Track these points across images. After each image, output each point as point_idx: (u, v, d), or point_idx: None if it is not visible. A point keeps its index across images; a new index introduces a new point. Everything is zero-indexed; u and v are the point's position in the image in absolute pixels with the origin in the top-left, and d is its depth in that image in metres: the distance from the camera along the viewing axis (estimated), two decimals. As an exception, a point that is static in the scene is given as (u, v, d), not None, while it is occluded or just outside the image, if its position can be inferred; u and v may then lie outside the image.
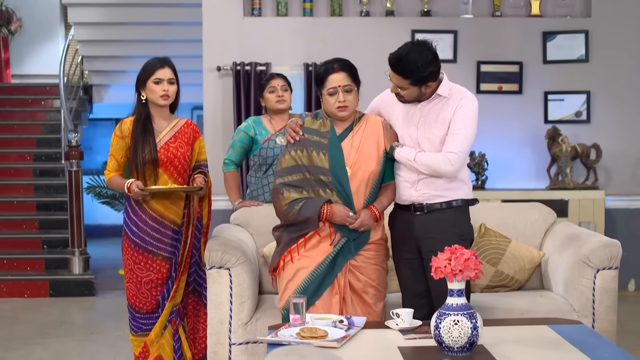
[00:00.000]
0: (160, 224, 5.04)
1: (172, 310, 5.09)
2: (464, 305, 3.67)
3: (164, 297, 5.07)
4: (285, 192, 4.54)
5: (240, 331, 4.87)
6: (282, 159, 4.64)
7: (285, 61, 8.41)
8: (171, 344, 5.10)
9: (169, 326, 5.10)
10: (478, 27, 8.58)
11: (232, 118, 8.28)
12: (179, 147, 5.07)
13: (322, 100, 4.62)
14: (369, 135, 4.63)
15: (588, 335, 4.06)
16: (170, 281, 5.08)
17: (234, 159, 5.85)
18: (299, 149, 4.58)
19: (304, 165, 4.56)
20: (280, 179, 4.59)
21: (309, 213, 4.48)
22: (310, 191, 4.54)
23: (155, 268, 5.04)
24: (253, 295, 4.95)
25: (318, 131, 4.62)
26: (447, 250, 3.70)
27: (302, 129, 4.63)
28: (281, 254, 4.58)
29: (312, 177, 4.55)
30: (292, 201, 4.52)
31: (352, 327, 4.09)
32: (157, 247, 5.04)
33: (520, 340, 3.93)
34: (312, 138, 4.60)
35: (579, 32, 8.56)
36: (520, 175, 8.57)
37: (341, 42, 8.46)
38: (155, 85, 5.02)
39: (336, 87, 4.54)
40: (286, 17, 8.51)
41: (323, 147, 4.57)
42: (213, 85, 8.38)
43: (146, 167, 4.98)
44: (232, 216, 5.64)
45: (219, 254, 4.84)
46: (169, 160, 5.03)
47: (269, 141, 5.73)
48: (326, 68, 4.61)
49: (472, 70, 8.55)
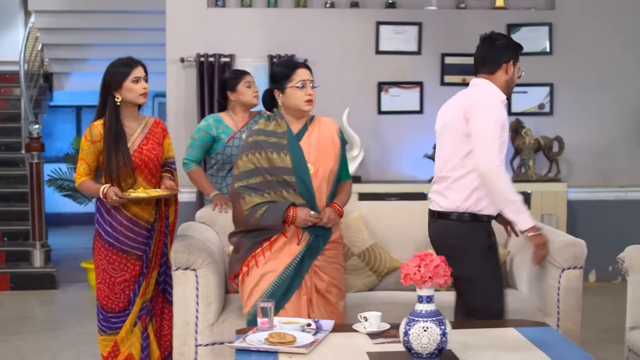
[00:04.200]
0: (135, 223, 5.02)
1: (142, 306, 5.07)
2: (433, 311, 3.66)
3: (135, 294, 5.05)
4: (247, 197, 4.51)
5: (206, 332, 4.84)
6: (239, 162, 4.59)
7: (249, 53, 8.35)
8: (140, 342, 5.06)
9: (139, 323, 5.07)
10: (443, 19, 8.58)
11: (196, 110, 8.21)
12: (152, 149, 5.06)
13: (283, 96, 4.59)
14: (325, 135, 4.67)
15: (555, 338, 4.06)
16: (142, 277, 5.05)
17: (194, 158, 5.76)
18: (257, 152, 4.55)
19: (264, 167, 4.53)
20: (240, 182, 4.55)
21: (273, 219, 4.46)
22: (272, 193, 4.51)
23: (129, 267, 5.02)
24: (219, 296, 4.92)
25: (275, 132, 4.59)
26: (417, 256, 3.69)
27: (257, 131, 4.61)
28: (244, 259, 4.55)
29: (274, 179, 4.52)
30: (254, 206, 4.49)
31: (320, 331, 4.06)
32: (132, 246, 5.02)
33: (487, 344, 3.92)
34: (270, 139, 4.57)
35: (543, 24, 8.59)
36: (483, 168, 8.56)
37: (306, 33, 8.42)
38: (134, 84, 4.96)
39: (306, 80, 4.56)
40: (250, 8, 8.45)
41: (283, 147, 4.55)
42: (176, 77, 8.30)
43: (121, 173, 4.94)
44: (198, 214, 5.60)
45: (185, 255, 4.80)
46: (144, 163, 5.02)
47: (234, 139, 5.68)
48: (292, 63, 4.68)
49: (436, 62, 8.55)
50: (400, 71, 8.53)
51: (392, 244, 5.56)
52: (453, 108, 4.60)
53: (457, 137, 4.48)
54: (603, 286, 8.40)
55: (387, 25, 8.49)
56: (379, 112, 8.51)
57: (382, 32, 8.50)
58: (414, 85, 8.53)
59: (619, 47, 8.65)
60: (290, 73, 4.57)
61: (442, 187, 4.56)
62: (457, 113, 4.50)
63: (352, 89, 8.45)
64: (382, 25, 8.47)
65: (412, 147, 8.45)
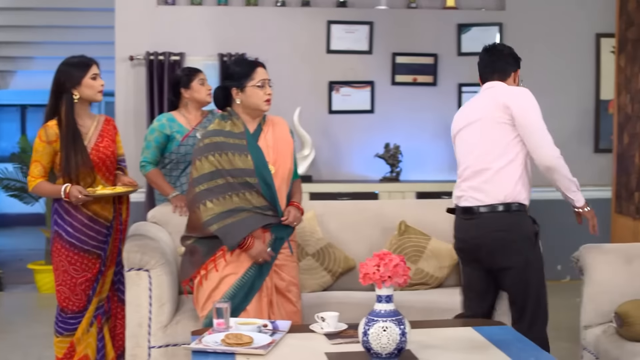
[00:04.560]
0: (96, 222, 4.96)
1: (98, 305, 5.00)
2: (392, 311, 3.63)
3: (93, 292, 4.98)
4: (208, 203, 4.41)
5: (159, 334, 4.76)
6: (198, 164, 4.48)
7: (199, 51, 8.28)
8: (96, 343, 4.98)
9: (95, 323, 5.00)
10: (394, 19, 8.57)
11: (145, 108, 8.11)
12: (107, 146, 5.02)
13: (242, 94, 4.53)
14: (280, 134, 4.65)
15: (513, 337, 4.06)
16: (99, 276, 5.00)
17: (151, 159, 5.64)
18: (217, 153, 4.46)
19: (225, 169, 4.45)
20: (200, 186, 4.45)
21: (229, 240, 4.40)
22: (234, 196, 4.44)
23: (90, 267, 4.96)
24: (173, 298, 4.85)
25: (232, 132, 4.52)
26: (376, 256, 3.65)
27: (214, 132, 4.52)
28: (202, 263, 4.47)
29: (236, 181, 4.45)
30: (214, 216, 4.41)
31: (277, 332, 4.02)
32: (93, 245, 4.96)
33: (446, 343, 3.90)
34: (229, 140, 4.50)
35: (493, 24, 8.63)
36: (434, 167, 8.60)
37: (256, 32, 8.37)
38: (93, 81, 4.92)
39: (265, 79, 4.52)
40: (200, 6, 8.37)
41: (243, 148, 4.49)
42: (125, 75, 8.20)
43: (80, 172, 4.87)
44: (150, 214, 5.52)
45: (138, 255, 4.73)
46: (101, 161, 4.97)
47: (188, 138, 5.60)
48: (252, 62, 4.60)
49: (387, 62, 8.55)
50: (351, 70, 8.52)
51: (346, 243, 5.52)
52: (482, 103, 4.60)
53: (495, 128, 4.48)
54: (552, 285, 8.35)
55: (338, 24, 8.47)
56: (330, 111, 8.49)
57: (333, 31, 8.47)
58: (365, 84, 8.52)
59: (568, 48, 8.72)
60: (251, 72, 4.52)
61: (479, 182, 4.52)
62: (492, 105, 4.50)
63: (303, 88, 8.41)
64: (333, 24, 8.45)
65: (363, 147, 8.44)
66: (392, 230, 5.54)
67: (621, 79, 6.06)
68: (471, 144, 4.59)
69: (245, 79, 4.51)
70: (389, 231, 5.53)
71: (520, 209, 4.50)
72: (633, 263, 4.61)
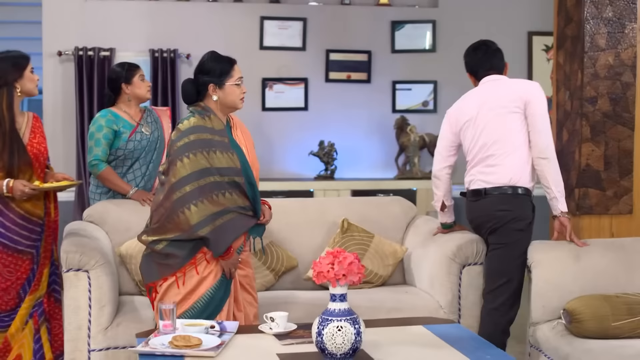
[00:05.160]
0: (29, 220, 4.79)
1: (34, 303, 4.82)
2: (346, 310, 3.55)
3: (25, 291, 4.80)
4: (200, 204, 4.20)
5: (100, 337, 4.60)
6: (184, 161, 4.23)
7: (130, 47, 8.09)
8: (31, 345, 4.80)
9: (30, 322, 4.81)
10: (327, 15, 8.50)
11: (74, 105, 7.89)
12: (40, 142, 4.89)
13: (220, 91, 4.37)
14: (245, 132, 4.59)
15: (465, 335, 4.03)
16: (32, 275, 4.81)
17: (102, 157, 5.41)
18: (204, 151, 4.27)
19: (214, 167, 4.27)
20: (187, 186, 4.22)
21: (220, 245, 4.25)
22: (220, 195, 4.26)
23: (22, 267, 4.78)
24: (113, 299, 4.68)
25: (214, 129, 4.36)
26: (330, 253, 3.57)
27: (199, 128, 4.32)
28: (180, 266, 4.27)
29: (223, 180, 4.29)
30: (205, 218, 4.21)
31: (225, 333, 3.92)
32: (26, 244, 4.79)
33: (398, 342, 3.85)
34: (215, 138, 4.33)
35: (426, 22, 8.61)
36: (368, 165, 8.55)
37: (188, 28, 8.22)
38: (32, 74, 4.82)
39: (241, 77, 4.44)
40: (130, 1, 8.18)
41: (227, 146, 4.35)
42: (53, 71, 7.97)
43: (21, 167, 4.72)
44: (85, 213, 5.35)
45: (77, 255, 4.56)
46: (35, 157, 4.83)
47: (135, 133, 5.44)
48: (228, 60, 4.45)
49: (321, 59, 8.47)
50: (285, 67, 8.42)
51: (289, 242, 5.42)
52: (493, 93, 4.94)
53: (507, 116, 4.82)
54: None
55: (272, 20, 8.37)
56: (263, 108, 8.39)
57: (267, 27, 8.37)
58: (299, 81, 8.43)
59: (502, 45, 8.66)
60: (230, 69, 4.39)
61: (485, 166, 4.85)
62: (506, 95, 4.87)
63: (236, 85, 8.27)
64: (266, 20, 8.34)
65: (297, 145, 8.36)
66: (334, 228, 5.46)
67: (560, 75, 6.05)
68: (483, 130, 4.87)
69: (224, 76, 4.37)
70: (332, 229, 5.45)
71: (525, 193, 4.82)
72: (581, 260, 4.60)
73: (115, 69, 5.58)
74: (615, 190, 5.76)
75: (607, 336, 4.24)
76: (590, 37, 5.72)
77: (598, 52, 5.73)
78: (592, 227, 5.79)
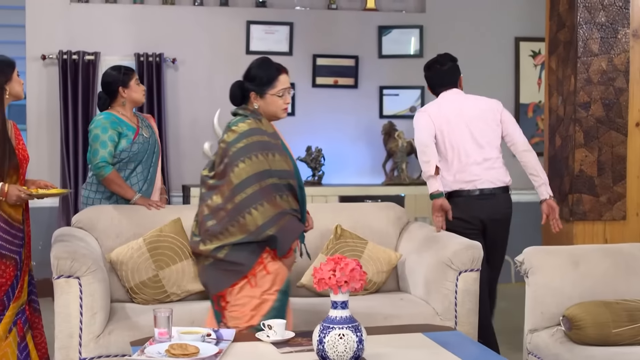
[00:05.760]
0: (11, 225, 4.68)
1: (17, 311, 4.71)
2: (348, 317, 3.49)
3: (9, 298, 4.68)
4: (266, 204, 4.17)
5: (91, 345, 4.50)
6: (247, 162, 4.18)
7: (115, 51, 7.98)
8: (15, 353, 4.70)
9: (14, 330, 4.70)
10: (314, 20, 8.44)
11: (58, 110, 7.78)
12: (24, 148, 4.83)
13: (261, 100, 4.32)
14: (285, 139, 4.51)
15: (465, 342, 3.99)
16: (15, 281, 4.70)
17: (109, 159, 5.30)
18: (263, 153, 4.23)
19: (273, 169, 4.23)
20: (249, 188, 4.17)
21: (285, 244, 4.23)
22: (278, 197, 4.23)
23: (7, 272, 4.66)
24: (105, 306, 4.58)
25: (267, 132, 4.32)
26: (331, 260, 3.50)
27: (258, 131, 4.27)
28: (249, 269, 4.18)
29: (281, 182, 4.25)
30: (270, 218, 4.18)
31: (222, 341, 3.85)
32: (10, 249, 4.67)
33: (400, 351, 3.79)
34: (272, 141, 4.30)
35: (414, 27, 8.57)
36: (356, 171, 8.49)
37: (174, 32, 8.13)
38: (18, 78, 4.76)
39: (286, 88, 4.35)
40: (115, 4, 8.09)
41: (282, 149, 4.32)
42: (37, 75, 7.85)
43: (10, 173, 4.65)
44: (74, 218, 5.25)
45: (68, 262, 4.46)
46: (20, 162, 4.75)
47: (139, 135, 5.39)
48: (274, 68, 4.36)
49: (307, 64, 8.41)
50: (272, 72, 8.33)
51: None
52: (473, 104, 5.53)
53: (492, 126, 5.45)
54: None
55: (258, 24, 8.30)
56: (250, 113, 8.29)
57: (253, 32, 8.29)
58: (286, 86, 8.35)
59: (489, 51, 8.72)
60: (273, 79, 4.31)
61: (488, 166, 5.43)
62: (485, 107, 5.50)
63: (223, 89, 8.03)
64: (252, 24, 8.27)
65: (284, 150, 8.27)
66: (327, 234, 5.39)
67: (552, 80, 6.01)
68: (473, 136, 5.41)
69: (266, 86, 4.31)
70: (325, 235, 5.38)
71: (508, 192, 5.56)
72: (580, 265, 4.54)
73: (112, 73, 5.49)
74: (608, 196, 5.74)
75: (607, 343, 4.19)
76: (583, 42, 5.70)
77: (591, 57, 5.71)
78: (586, 233, 5.77)
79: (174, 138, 8.09)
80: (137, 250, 5.02)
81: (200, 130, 8.12)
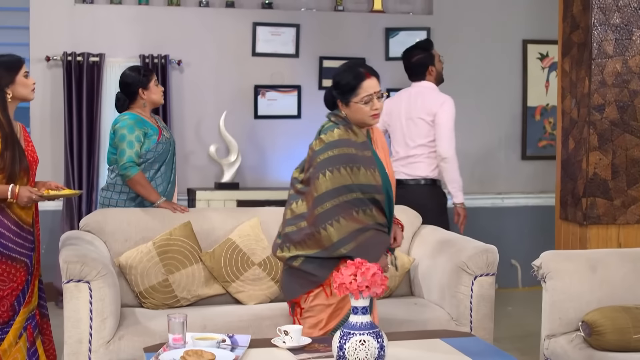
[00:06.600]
0: (21, 228, 4.61)
1: (27, 316, 4.63)
2: (369, 323, 3.41)
3: (20, 303, 4.61)
4: (342, 220, 4.01)
5: (101, 350, 4.42)
6: (328, 176, 4.03)
7: (120, 52, 7.90)
8: (25, 359, 4.62)
9: (25, 335, 4.62)
10: (320, 22, 8.36)
11: (63, 112, 7.70)
12: (33, 151, 4.76)
13: (347, 109, 4.14)
14: (382, 143, 4.34)
15: (484, 348, 3.91)
16: (26, 286, 4.63)
17: (136, 159, 5.25)
18: (348, 166, 4.04)
19: (356, 184, 4.05)
20: (328, 202, 4.02)
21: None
22: (361, 212, 4.07)
23: (17, 276, 4.59)
24: (115, 311, 4.51)
25: (357, 143, 4.12)
26: (351, 264, 3.42)
27: (345, 142, 4.09)
28: (324, 279, 4.07)
29: (365, 197, 4.08)
30: (346, 235, 4.02)
31: (237, 347, 3.77)
32: (21, 252, 4.60)
33: (421, 357, 3.72)
34: (359, 153, 4.10)
35: (421, 29, 8.49)
36: (362, 174, 8.39)
37: (179, 33, 8.05)
38: (26, 79, 4.66)
39: (372, 94, 4.10)
40: (120, 5, 8.00)
41: (370, 162, 4.11)
42: (42, 77, 7.75)
43: (21, 175, 4.57)
44: (83, 222, 5.17)
45: (78, 266, 4.38)
46: (30, 164, 4.68)
47: (162, 136, 5.35)
48: (356, 74, 4.13)
49: (314, 66, 8.33)
50: (278, 74, 8.27)
51: (292, 252, 5.26)
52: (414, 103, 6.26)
53: (425, 126, 6.17)
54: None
55: (264, 26, 8.21)
56: (256, 116, 8.22)
57: (259, 34, 8.21)
58: (292, 89, 8.28)
59: (496, 53, 8.66)
60: (356, 86, 4.09)
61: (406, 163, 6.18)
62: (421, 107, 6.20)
63: (228, 92, 8.13)
64: (258, 26, 8.19)
65: (290, 153, 8.18)
66: (339, 237, 5.30)
67: (566, 82, 5.93)
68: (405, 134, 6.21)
69: (349, 94, 4.11)
70: (337, 239, 5.29)
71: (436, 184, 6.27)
72: (597, 270, 4.46)
73: (131, 74, 5.44)
74: (623, 200, 5.66)
75: (628, 349, 4.11)
76: (598, 44, 5.63)
77: (606, 59, 5.63)
78: (600, 237, 5.69)
79: (179, 140, 8.00)
80: (147, 254, 4.95)
81: (206, 132, 8.04)
